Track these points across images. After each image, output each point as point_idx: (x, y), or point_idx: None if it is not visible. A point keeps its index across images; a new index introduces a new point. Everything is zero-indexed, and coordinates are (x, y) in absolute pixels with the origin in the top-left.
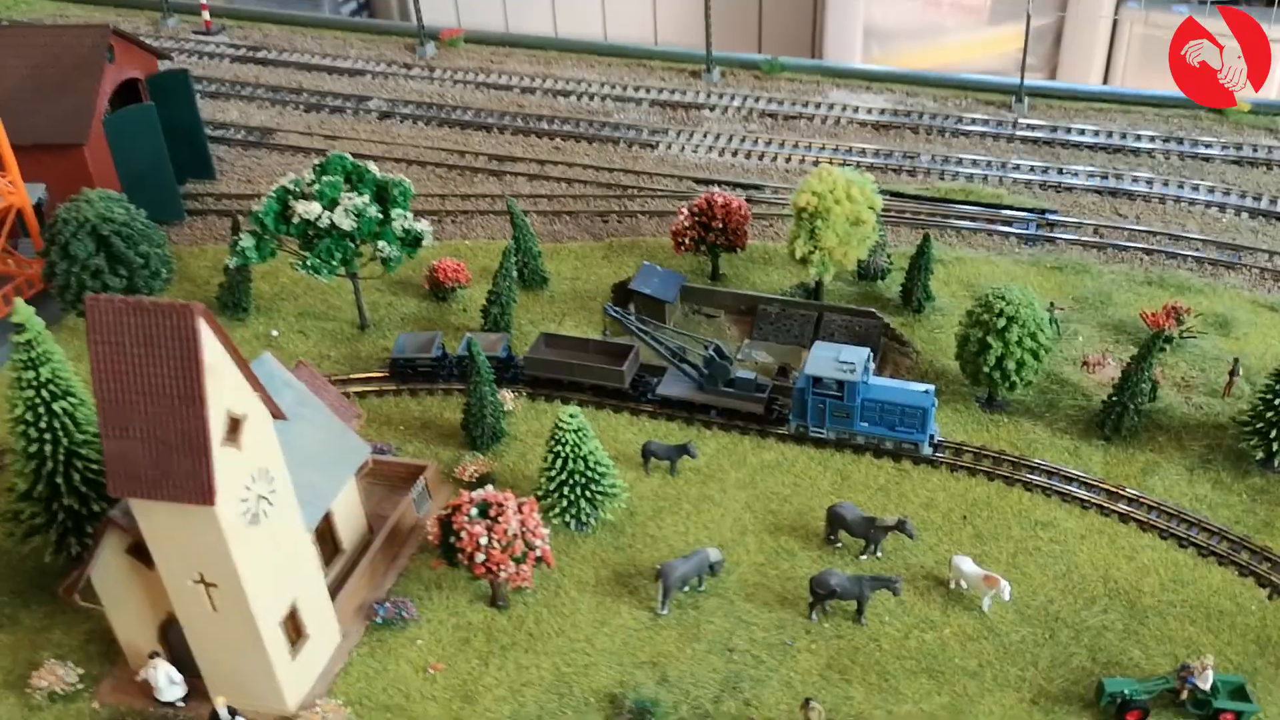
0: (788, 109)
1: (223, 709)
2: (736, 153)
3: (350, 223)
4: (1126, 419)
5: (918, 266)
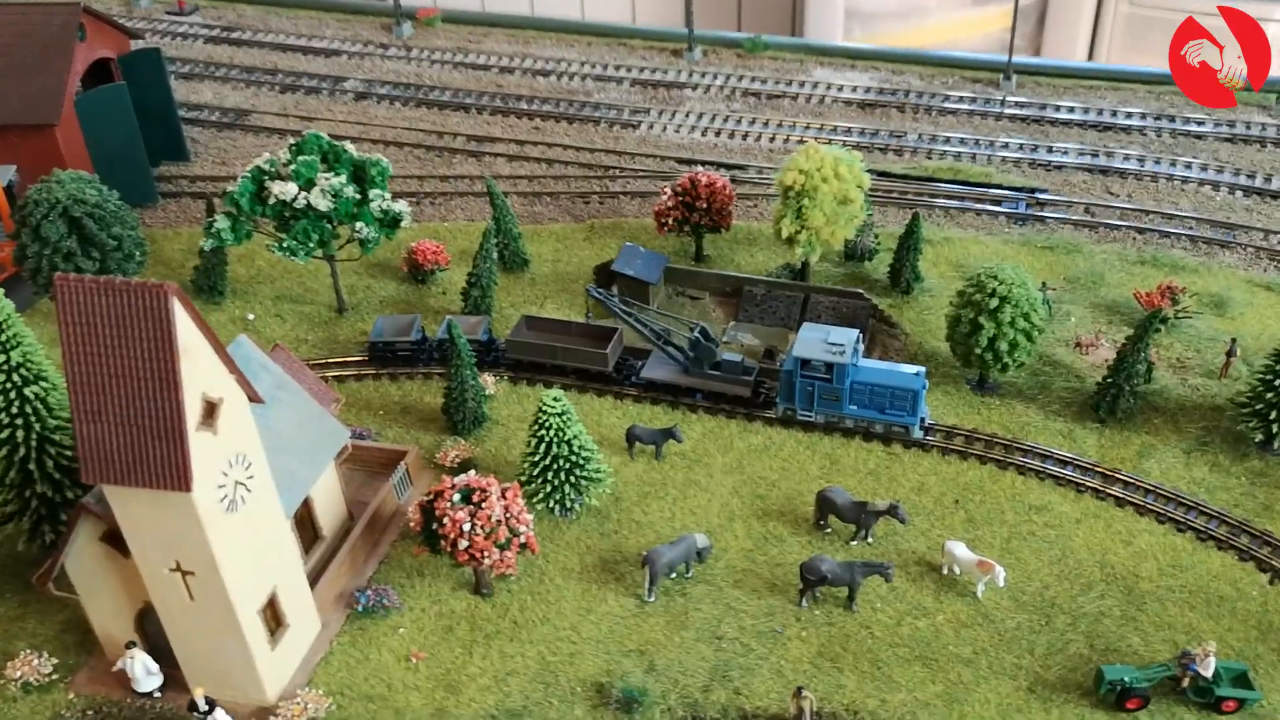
0: (771, 88)
1: (201, 700)
2: (719, 132)
3: (327, 203)
4: (1122, 401)
5: (906, 247)
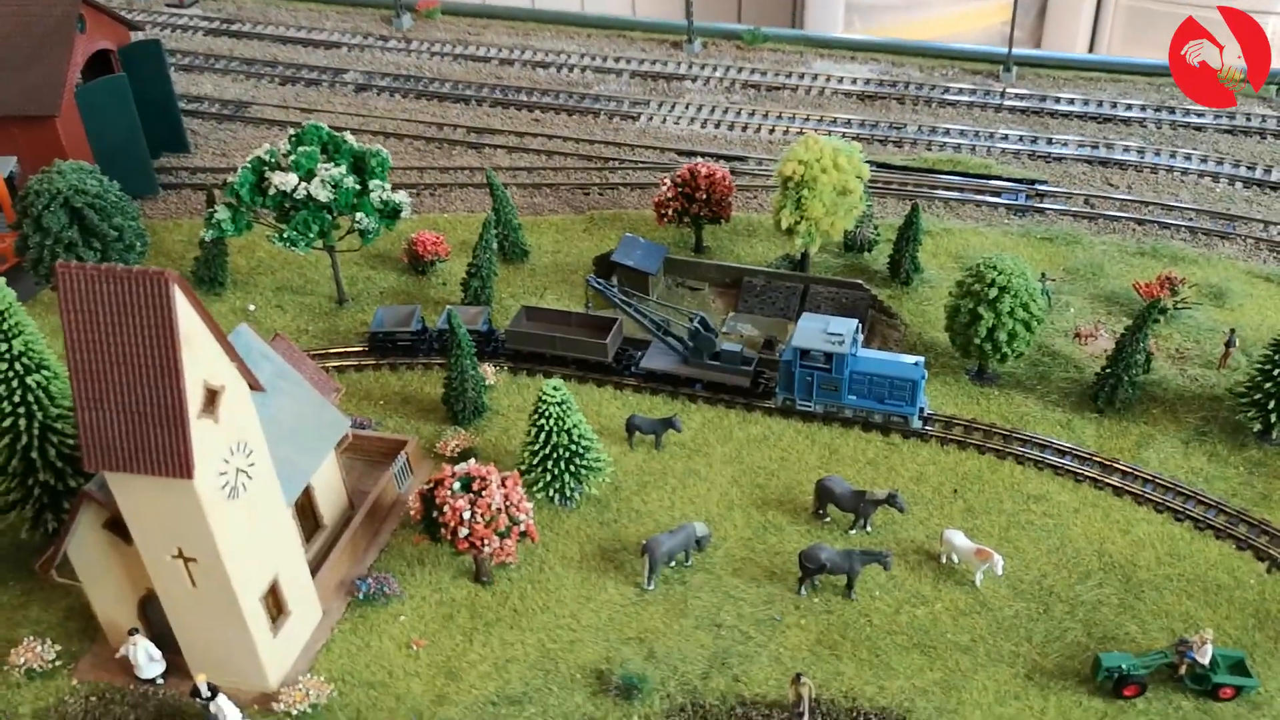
0: (771, 79)
1: (203, 686)
2: (719, 124)
3: (327, 194)
4: (1120, 391)
5: (906, 238)
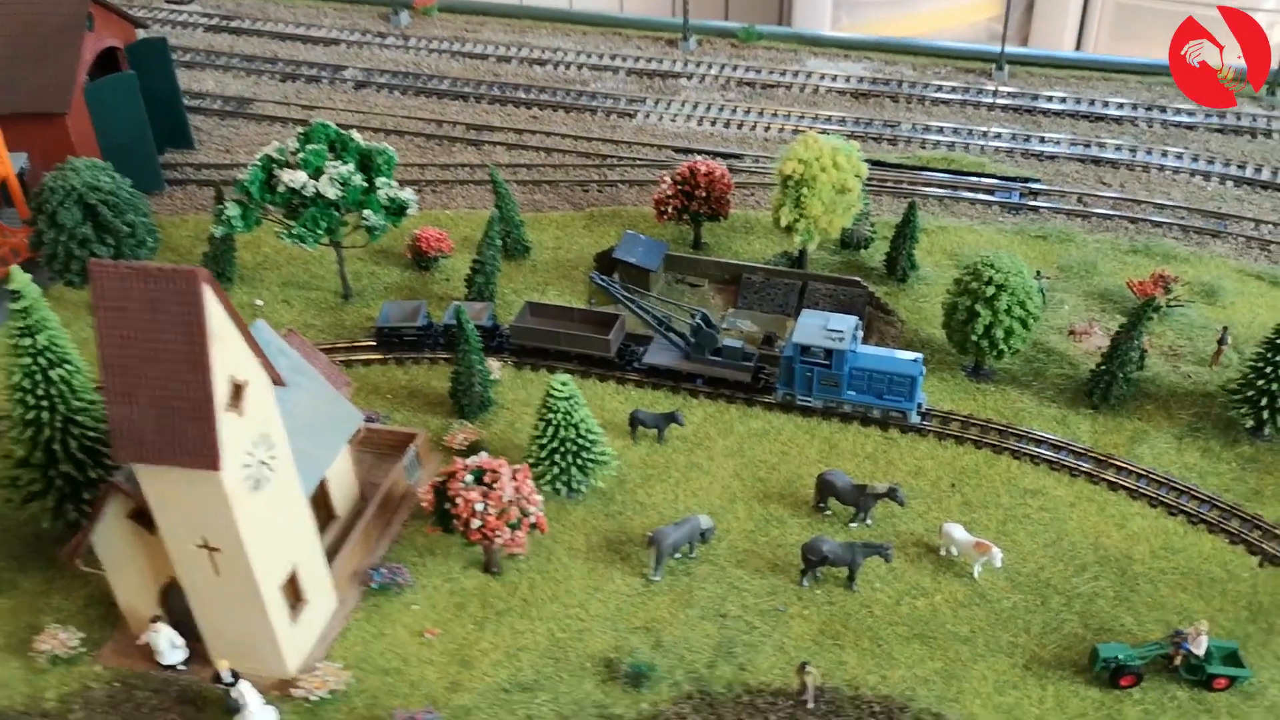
0: (765, 77)
1: (225, 672)
2: (715, 121)
3: (335, 191)
4: (1115, 387)
5: (903, 235)
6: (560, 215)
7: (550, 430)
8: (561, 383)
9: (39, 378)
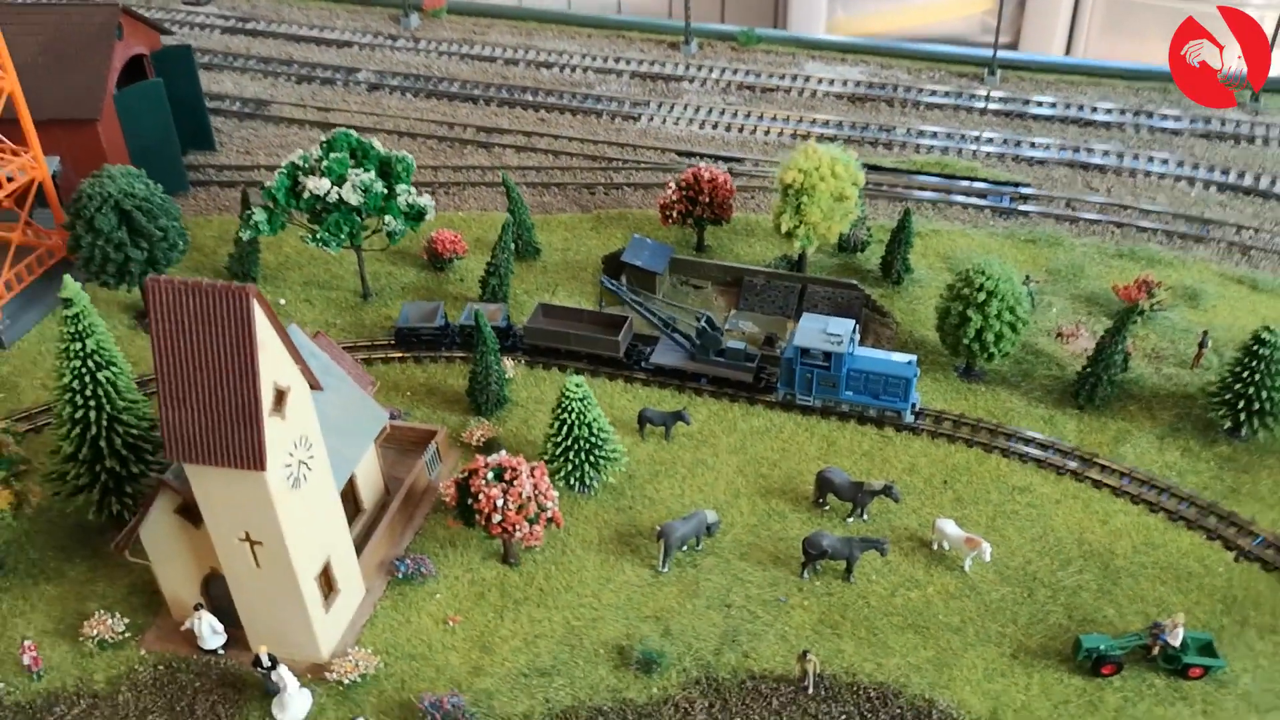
0: (765, 81)
1: (264, 657)
2: (717, 125)
3: (358, 198)
4: (1100, 389)
5: (898, 240)
6: (569, 217)
7: (565, 429)
8: (576, 384)
9: (87, 379)
